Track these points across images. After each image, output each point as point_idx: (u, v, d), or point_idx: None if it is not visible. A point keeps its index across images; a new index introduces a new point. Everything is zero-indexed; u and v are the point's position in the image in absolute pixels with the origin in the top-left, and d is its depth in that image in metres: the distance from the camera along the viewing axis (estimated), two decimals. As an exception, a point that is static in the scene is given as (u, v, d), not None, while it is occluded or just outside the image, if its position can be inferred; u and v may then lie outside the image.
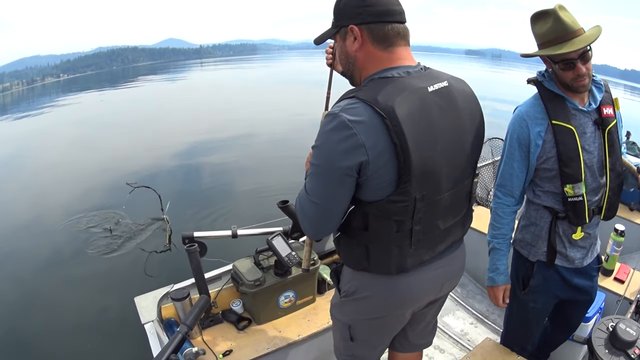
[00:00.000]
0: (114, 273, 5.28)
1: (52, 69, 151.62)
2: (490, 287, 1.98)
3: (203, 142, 12.22)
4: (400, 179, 1.22)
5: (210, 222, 6.67)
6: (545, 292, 1.96)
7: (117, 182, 8.66)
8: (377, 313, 1.55)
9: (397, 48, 1.30)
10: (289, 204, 2.52)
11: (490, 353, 2.21)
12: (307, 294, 2.56)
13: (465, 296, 3.43)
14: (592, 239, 1.87)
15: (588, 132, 1.68)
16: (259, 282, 2.32)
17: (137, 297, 2.35)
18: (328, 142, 1.22)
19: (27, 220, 7.19)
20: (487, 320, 3.20)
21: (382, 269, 1.41)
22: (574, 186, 1.68)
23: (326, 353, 2.53)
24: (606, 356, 1.66)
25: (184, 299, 2.19)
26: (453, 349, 2.96)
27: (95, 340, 4.00)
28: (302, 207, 1.36)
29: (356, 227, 1.36)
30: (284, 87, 28.59)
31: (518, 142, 1.75)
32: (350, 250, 1.44)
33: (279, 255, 2.37)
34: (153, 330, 2.15)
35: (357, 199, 1.30)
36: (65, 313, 4.54)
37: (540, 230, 1.87)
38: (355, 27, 1.27)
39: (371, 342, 1.71)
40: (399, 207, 1.28)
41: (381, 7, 1.26)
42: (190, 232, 2.35)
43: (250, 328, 2.40)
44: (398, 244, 1.36)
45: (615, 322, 1.71)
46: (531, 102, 1.75)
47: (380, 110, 1.16)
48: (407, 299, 1.50)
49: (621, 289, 2.39)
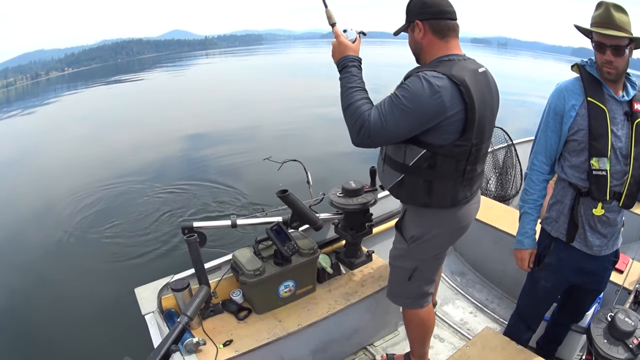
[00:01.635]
0: (116, 264, 5.29)
1: (57, 62, 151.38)
2: (517, 250, 2.13)
3: (207, 133, 12.25)
4: (465, 129, 1.71)
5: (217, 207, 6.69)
6: (558, 273, 2.07)
7: (122, 174, 8.72)
8: (440, 247, 2.08)
9: (450, 39, 1.79)
10: (288, 194, 2.52)
11: (490, 342, 2.21)
12: (307, 284, 2.57)
13: (464, 285, 3.44)
14: (612, 228, 1.94)
15: (618, 119, 1.80)
16: (259, 272, 2.32)
17: (137, 288, 2.34)
18: (421, 96, 1.63)
19: (32, 213, 7.19)
20: (486, 310, 3.21)
21: (441, 202, 1.88)
22: (600, 160, 1.80)
23: (326, 342, 2.54)
24: (605, 346, 1.66)
25: (184, 290, 2.20)
26: (452, 338, 2.97)
27: (96, 331, 4.01)
28: (369, 118, 1.67)
29: (424, 166, 1.78)
30: (293, 78, 28.46)
31: (554, 112, 1.91)
32: (414, 188, 1.87)
33: (279, 244, 2.37)
34: (153, 321, 2.15)
35: (429, 144, 1.74)
36: (66, 304, 4.55)
37: (563, 208, 1.97)
38: (420, 22, 1.77)
39: (431, 277, 2.18)
40: (461, 150, 1.75)
41: (437, 7, 1.75)
42: (190, 222, 2.36)
43: (250, 318, 2.41)
44: (454, 180, 1.83)
45: (614, 312, 1.71)
46: (572, 80, 1.90)
47: (456, 80, 1.64)
48: (459, 229, 2.03)
49: (620, 279, 2.39)
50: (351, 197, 2.63)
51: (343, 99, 1.74)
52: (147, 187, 7.79)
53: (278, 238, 2.40)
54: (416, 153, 1.78)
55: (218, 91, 22.88)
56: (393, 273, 2.25)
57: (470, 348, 2.18)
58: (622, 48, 1.70)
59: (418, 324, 2.30)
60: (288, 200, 2.54)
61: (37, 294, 4.79)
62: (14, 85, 72.55)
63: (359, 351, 2.80)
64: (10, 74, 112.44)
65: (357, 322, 2.68)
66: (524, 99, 17.96)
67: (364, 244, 2.99)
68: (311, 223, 2.65)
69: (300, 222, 2.63)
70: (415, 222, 2.00)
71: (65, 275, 5.17)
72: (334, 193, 2.67)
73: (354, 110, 1.69)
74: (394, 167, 1.90)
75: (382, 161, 2.01)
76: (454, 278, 3.50)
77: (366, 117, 1.66)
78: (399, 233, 2.09)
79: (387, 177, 1.98)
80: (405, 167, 1.83)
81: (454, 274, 3.53)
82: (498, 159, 4.46)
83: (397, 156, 1.86)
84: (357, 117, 1.68)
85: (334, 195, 2.66)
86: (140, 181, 8.34)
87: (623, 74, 1.79)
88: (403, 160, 1.83)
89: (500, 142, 4.49)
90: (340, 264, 2.84)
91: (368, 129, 1.66)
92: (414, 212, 2.00)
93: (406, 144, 1.79)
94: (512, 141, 4.46)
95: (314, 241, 2.58)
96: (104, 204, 7.28)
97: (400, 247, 2.10)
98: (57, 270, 5.29)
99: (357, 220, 2.72)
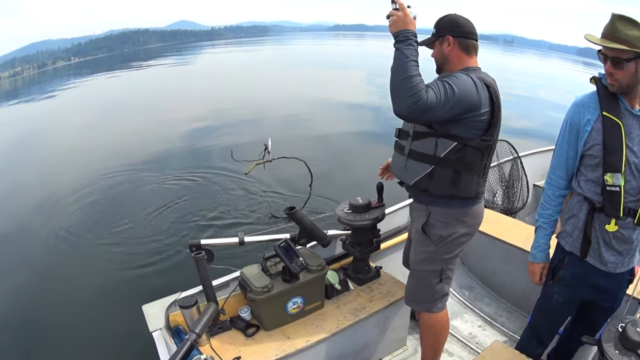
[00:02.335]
0: (122, 280, 5.28)
1: (63, 52, 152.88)
2: (530, 263, 2.17)
3: (211, 124, 12.30)
4: (490, 125, 1.96)
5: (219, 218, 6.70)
6: (571, 288, 2.06)
7: (129, 165, 8.76)
8: (463, 244, 2.22)
9: (473, 55, 2.07)
10: (295, 211, 2.52)
11: (499, 356, 2.20)
12: (315, 300, 2.56)
13: (473, 299, 3.42)
14: (628, 245, 1.91)
15: (634, 133, 1.78)
16: (267, 289, 2.32)
17: (144, 305, 2.34)
18: (469, 87, 1.86)
19: (34, 206, 7.17)
20: (495, 323, 3.19)
21: (467, 193, 2.06)
22: (614, 176, 1.78)
23: (335, 358, 2.53)
24: (616, 357, 1.65)
25: (192, 307, 2.20)
26: (462, 352, 2.95)
27: (104, 348, 4.00)
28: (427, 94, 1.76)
29: (454, 158, 1.99)
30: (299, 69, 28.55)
31: (570, 126, 1.93)
32: (443, 179, 2.03)
33: (286, 261, 2.38)
34: (161, 338, 2.15)
35: (460, 137, 1.95)
36: (72, 320, 4.52)
37: (578, 222, 1.97)
38: (451, 37, 2.01)
39: (452, 276, 2.32)
40: (487, 144, 2.00)
41: (467, 28, 2.02)
42: (197, 239, 2.37)
43: (258, 335, 2.40)
44: (478, 173, 2.05)
45: (625, 323, 1.70)
46: (589, 95, 1.91)
47: (487, 84, 1.92)
48: (477, 225, 2.23)
49: (630, 289, 2.38)
50: (359, 213, 2.63)
51: (401, 69, 1.77)
52: (152, 184, 7.80)
53: (286, 255, 2.40)
54: (448, 145, 1.98)
55: (223, 81, 22.86)
56: (419, 278, 2.33)
57: (479, 362, 2.18)
58: (621, 61, 1.70)
59: (439, 328, 2.40)
60: (296, 217, 2.55)
61: (39, 305, 4.72)
62: (21, 74, 73.02)
63: (368, 367, 2.79)
64: (17, 64, 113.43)
65: (366, 338, 2.66)
66: (531, 97, 18.00)
67: (372, 259, 2.99)
68: (319, 239, 2.66)
69: (308, 238, 2.64)
70: (441, 222, 2.15)
71: (70, 288, 5.11)
72: (341, 209, 2.68)
73: (412, 83, 1.74)
74: (422, 159, 2.06)
75: (403, 157, 2.14)
76: (462, 292, 3.48)
77: (424, 92, 1.74)
78: (424, 236, 2.20)
79: (412, 171, 2.11)
80: (437, 158, 2.01)
81: (462, 288, 3.51)
82: (504, 172, 4.45)
83: (427, 149, 2.04)
84: (414, 90, 1.73)
85: (341, 211, 2.66)
86: (144, 174, 8.43)
87: (630, 88, 1.77)
88: (434, 153, 2.01)
89: (506, 155, 4.49)
90: (349, 280, 2.83)
91: (425, 104, 1.74)
92: (439, 212, 2.14)
93: (437, 137, 1.99)
94: (518, 154, 4.46)
95: (321, 258, 2.58)
96: (108, 206, 7.21)
97: (427, 249, 2.22)
98: (61, 283, 5.22)
99: (364, 236, 2.72)
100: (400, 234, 3.26)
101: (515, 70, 34.90)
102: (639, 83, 1.76)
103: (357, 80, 22.82)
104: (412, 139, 2.10)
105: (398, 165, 2.20)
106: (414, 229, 2.29)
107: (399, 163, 2.19)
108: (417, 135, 2.08)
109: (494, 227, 3.21)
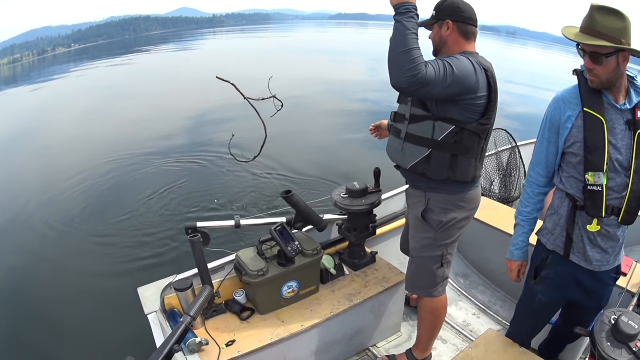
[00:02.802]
0: (118, 262, 5.28)
1: (64, 39, 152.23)
2: (508, 261, 2.15)
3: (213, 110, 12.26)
4: (487, 109, 1.96)
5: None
6: (554, 288, 2.00)
7: (127, 150, 8.77)
8: (462, 229, 2.25)
9: (472, 41, 2.05)
10: (292, 194, 2.52)
11: (493, 344, 2.21)
12: (310, 285, 2.57)
13: (468, 287, 3.43)
14: (613, 243, 1.86)
15: (618, 129, 1.70)
16: (262, 272, 2.32)
17: (140, 287, 2.34)
18: (468, 69, 1.86)
19: (34, 193, 7.16)
20: (489, 312, 3.20)
21: (464, 176, 2.06)
22: (595, 175, 1.71)
23: (329, 343, 2.54)
24: (608, 349, 1.65)
25: (187, 290, 2.19)
26: (456, 339, 2.97)
27: (99, 331, 4.01)
28: (426, 69, 1.74)
29: (452, 142, 1.98)
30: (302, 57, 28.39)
31: (551, 123, 1.87)
32: (440, 163, 2.03)
33: (282, 245, 2.37)
34: (156, 321, 2.15)
35: (458, 120, 1.95)
36: (68, 303, 4.53)
37: (560, 219, 1.91)
38: (451, 22, 1.98)
39: (452, 259, 2.34)
40: (484, 128, 2.00)
41: (467, 14, 2.00)
42: (194, 222, 2.36)
43: (253, 318, 2.41)
44: (475, 157, 2.05)
45: (618, 315, 1.70)
46: (570, 89, 1.83)
47: (484, 68, 1.92)
48: (474, 209, 2.25)
49: (624, 282, 2.38)
50: (355, 198, 2.62)
51: (400, 40, 1.74)
52: (149, 168, 7.81)
53: (282, 239, 2.40)
54: (445, 129, 1.97)
55: (224, 68, 22.72)
56: (420, 265, 2.33)
57: (473, 350, 2.18)
58: (600, 57, 1.62)
59: (440, 311, 2.45)
60: (292, 201, 2.54)
61: (37, 289, 4.75)
62: (20, 61, 72.47)
63: (361, 352, 2.80)
64: (16, 50, 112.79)
65: (361, 324, 2.67)
66: (532, 87, 17.98)
67: (368, 245, 2.99)
68: (315, 224, 2.65)
69: (304, 222, 2.63)
70: (441, 208, 2.16)
71: (66, 270, 5.12)
72: (338, 194, 2.67)
73: (412, 56, 1.71)
74: (419, 143, 2.05)
75: (400, 141, 2.13)
76: (458, 280, 3.49)
77: (423, 67, 1.73)
78: (423, 223, 2.21)
79: (409, 155, 2.10)
80: (434, 142, 2.00)
81: (457, 276, 3.52)
82: (502, 161, 4.45)
83: (424, 133, 2.03)
84: (414, 63, 1.71)
85: (338, 196, 2.65)
86: (141, 158, 8.45)
87: (612, 83, 1.69)
88: (431, 136, 2.00)
89: (504, 144, 4.48)
90: (344, 265, 2.83)
91: (424, 78, 1.73)
92: (438, 198, 2.15)
93: (435, 120, 1.98)
94: (517, 143, 4.45)
95: (317, 242, 2.58)
96: (105, 190, 7.24)
97: (427, 236, 2.23)
98: (58, 266, 5.23)
99: (361, 222, 2.72)
100: (397, 220, 3.26)
101: (517, 61, 34.78)
102: (622, 77, 1.69)
103: (361, 68, 22.74)
104: (409, 122, 2.08)
105: (395, 148, 2.19)
106: (413, 215, 2.29)
107: (395, 146, 2.18)
108: (414, 118, 2.06)
109: (491, 216, 3.21)
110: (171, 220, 6.17)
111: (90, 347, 3.82)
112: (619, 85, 1.70)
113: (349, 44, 42.54)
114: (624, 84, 1.71)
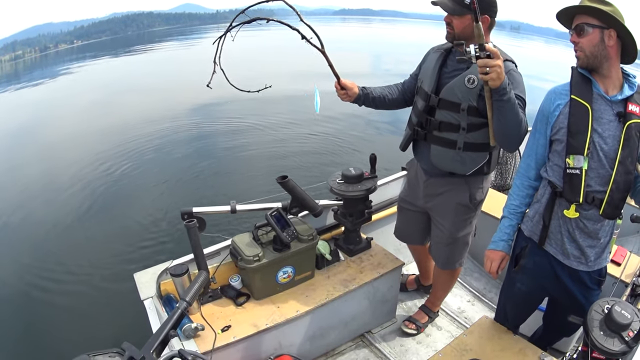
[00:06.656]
0: (115, 247, 5.29)
1: (66, 35, 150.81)
2: (490, 251, 2.08)
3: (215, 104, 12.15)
4: None
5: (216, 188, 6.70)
6: (533, 277, 2.01)
7: (133, 148, 8.71)
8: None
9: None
10: (288, 179, 2.51)
11: (487, 331, 2.22)
12: (305, 270, 2.57)
13: (463, 274, 3.44)
14: (592, 241, 1.82)
15: (605, 119, 1.69)
16: (258, 258, 2.32)
17: (136, 273, 2.34)
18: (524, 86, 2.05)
19: (35, 187, 7.17)
20: (484, 299, 3.22)
21: (492, 168, 2.32)
22: (575, 157, 1.71)
23: (324, 328, 2.55)
24: (601, 338, 1.66)
25: (183, 275, 2.19)
26: (450, 326, 2.98)
27: (95, 316, 4.02)
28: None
29: (486, 143, 2.12)
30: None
31: (542, 114, 1.88)
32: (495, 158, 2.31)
33: (278, 230, 2.37)
34: (152, 306, 2.15)
35: None
36: (65, 288, 4.54)
37: (540, 206, 1.91)
38: (487, 17, 2.01)
39: None
40: None
41: (497, 8, 2.07)
42: (189, 207, 2.35)
43: (248, 303, 2.41)
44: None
45: (611, 305, 1.70)
46: (563, 83, 1.84)
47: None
48: None
49: (617, 272, 2.39)
50: (351, 183, 2.62)
51: (516, 117, 1.89)
52: (149, 164, 7.80)
53: (277, 224, 2.40)
54: None
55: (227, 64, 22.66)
56: (459, 243, 2.53)
57: (467, 337, 2.20)
58: (583, 26, 1.66)
59: (456, 277, 2.84)
60: (288, 186, 2.53)
61: (35, 276, 4.77)
62: (22, 58, 71.59)
63: (356, 338, 2.82)
64: (18, 47, 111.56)
65: (356, 309, 2.69)
66: (534, 79, 18.00)
67: (363, 230, 2.99)
68: (310, 209, 2.65)
69: (300, 208, 2.63)
70: (479, 188, 2.38)
71: (64, 258, 5.12)
72: (334, 180, 2.66)
73: (525, 126, 1.95)
74: (479, 149, 2.18)
75: (455, 151, 2.20)
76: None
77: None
78: (465, 206, 2.40)
79: (470, 162, 2.22)
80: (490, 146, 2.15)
81: (452, 262, 3.52)
82: (498, 148, 4.44)
83: (483, 139, 2.13)
84: (524, 130, 1.95)
85: (333, 181, 2.65)
86: (140, 147, 8.50)
87: (597, 61, 1.68)
88: (489, 141, 2.10)
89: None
90: (339, 250, 2.84)
91: None
92: (476, 181, 2.36)
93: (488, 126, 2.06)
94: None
95: (313, 227, 2.58)
96: (105, 184, 7.20)
97: (469, 216, 2.46)
98: (55, 253, 5.26)
99: (356, 207, 2.72)
100: (392, 206, 3.25)
101: (521, 55, 34.80)
102: (608, 60, 1.67)
103: (366, 62, 22.73)
104: (467, 131, 2.14)
105: (449, 158, 2.23)
106: (450, 202, 2.41)
107: (449, 157, 2.22)
108: (472, 127, 2.13)
109: (486, 203, 3.18)
110: (167, 206, 6.18)
111: (87, 332, 3.83)
112: (607, 71, 1.70)
113: (353, 41, 42.36)
114: (616, 75, 1.71)
